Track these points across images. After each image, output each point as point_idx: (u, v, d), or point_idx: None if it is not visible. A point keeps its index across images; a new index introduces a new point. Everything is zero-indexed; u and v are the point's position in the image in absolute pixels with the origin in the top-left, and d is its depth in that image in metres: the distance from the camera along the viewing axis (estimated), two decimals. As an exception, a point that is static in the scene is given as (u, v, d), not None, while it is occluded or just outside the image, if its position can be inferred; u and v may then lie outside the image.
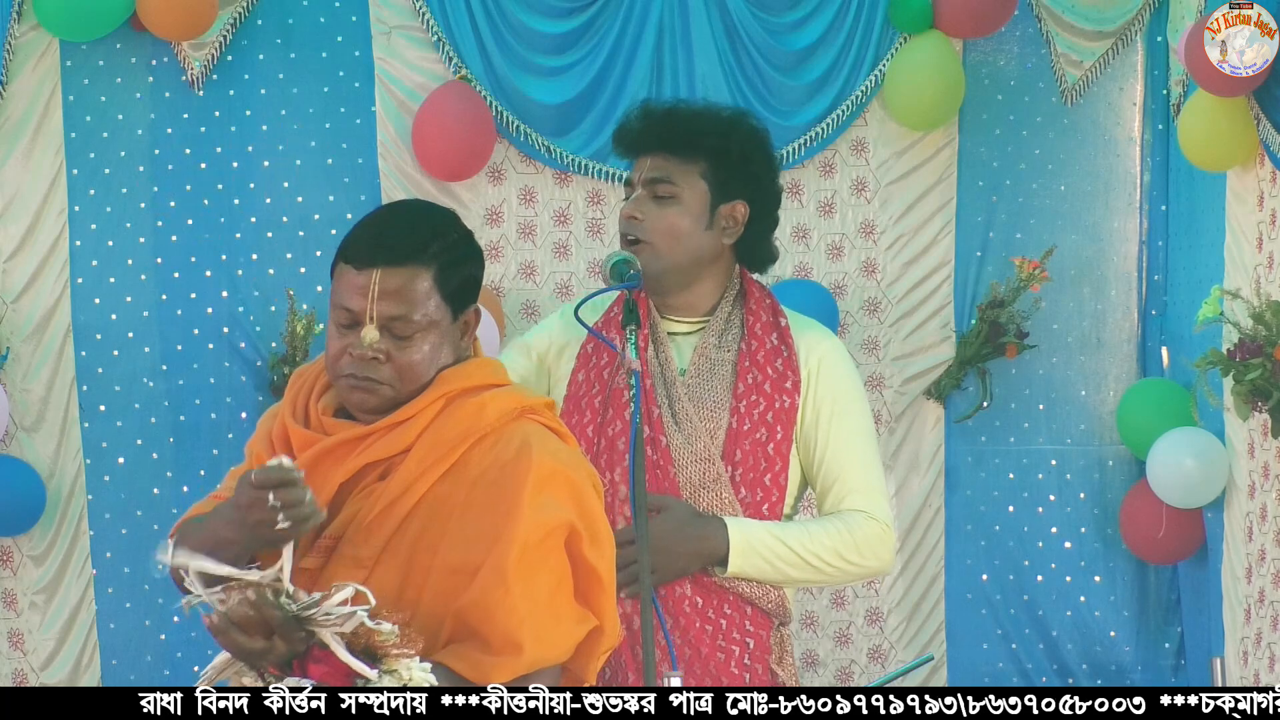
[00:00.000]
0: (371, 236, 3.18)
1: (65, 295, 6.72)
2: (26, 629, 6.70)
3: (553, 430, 3.26)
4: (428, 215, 3.26)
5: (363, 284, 3.14)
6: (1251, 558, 6.44)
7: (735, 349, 4.03)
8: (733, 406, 3.98)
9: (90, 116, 6.74)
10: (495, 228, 6.99)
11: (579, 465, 3.24)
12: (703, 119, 4.04)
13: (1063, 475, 7.23)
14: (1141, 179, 7.22)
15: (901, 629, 7.17)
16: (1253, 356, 6.09)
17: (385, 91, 6.90)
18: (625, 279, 3.89)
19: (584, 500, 3.19)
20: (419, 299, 3.16)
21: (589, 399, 4.01)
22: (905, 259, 7.15)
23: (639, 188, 4.01)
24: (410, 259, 3.16)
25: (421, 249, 3.16)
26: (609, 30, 6.96)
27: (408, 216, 3.25)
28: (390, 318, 3.14)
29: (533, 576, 3.07)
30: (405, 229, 3.19)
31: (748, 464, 3.98)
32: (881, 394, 7.14)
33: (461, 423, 3.18)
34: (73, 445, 6.72)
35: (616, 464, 3.96)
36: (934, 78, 6.96)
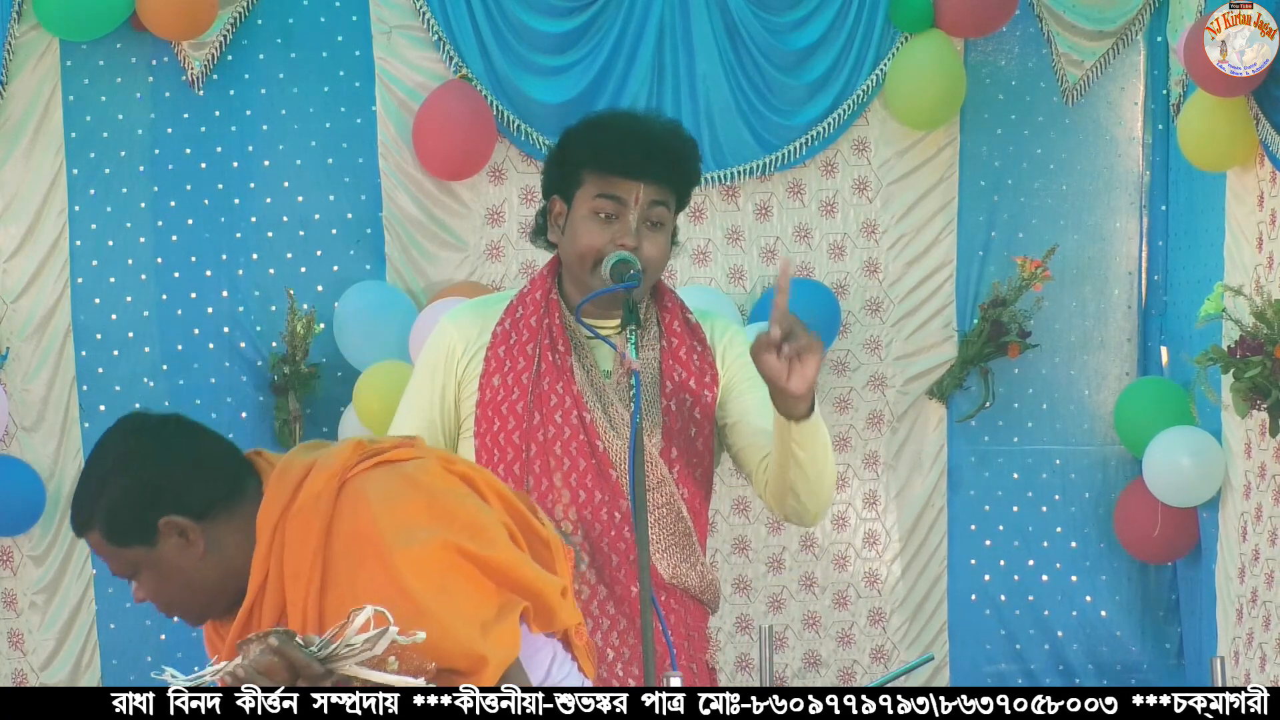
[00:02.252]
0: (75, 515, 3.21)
1: (65, 295, 6.73)
2: (26, 629, 6.70)
3: (387, 460, 3.21)
4: (86, 480, 3.23)
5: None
6: (1245, 557, 6.43)
7: (657, 348, 4.00)
8: (664, 406, 3.96)
9: (90, 116, 6.75)
10: (496, 227, 6.99)
11: (422, 474, 3.20)
12: (682, 145, 3.98)
13: (1067, 475, 7.22)
14: (1142, 178, 7.22)
15: (904, 629, 7.16)
16: (1253, 354, 6.08)
17: (386, 91, 6.90)
18: (626, 279, 3.87)
19: (440, 508, 3.16)
20: (110, 555, 3.20)
21: (510, 406, 3.94)
22: (907, 258, 7.14)
23: (634, 214, 3.90)
24: (82, 532, 3.21)
25: (86, 522, 3.19)
26: (610, 29, 6.96)
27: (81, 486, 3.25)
28: (121, 575, 3.21)
29: (447, 596, 3.05)
30: (74, 501, 3.21)
31: (683, 461, 3.97)
32: (884, 394, 7.14)
33: (305, 534, 3.13)
34: (73, 445, 6.73)
35: (555, 469, 3.91)
36: (935, 77, 6.95)
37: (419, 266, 6.91)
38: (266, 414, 6.83)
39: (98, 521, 3.16)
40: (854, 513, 7.15)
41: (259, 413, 6.84)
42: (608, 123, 4.00)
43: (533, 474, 3.90)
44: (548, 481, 3.91)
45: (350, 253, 6.93)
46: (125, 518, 3.15)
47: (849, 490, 7.14)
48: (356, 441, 3.24)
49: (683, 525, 3.97)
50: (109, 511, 3.15)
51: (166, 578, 3.17)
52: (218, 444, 3.22)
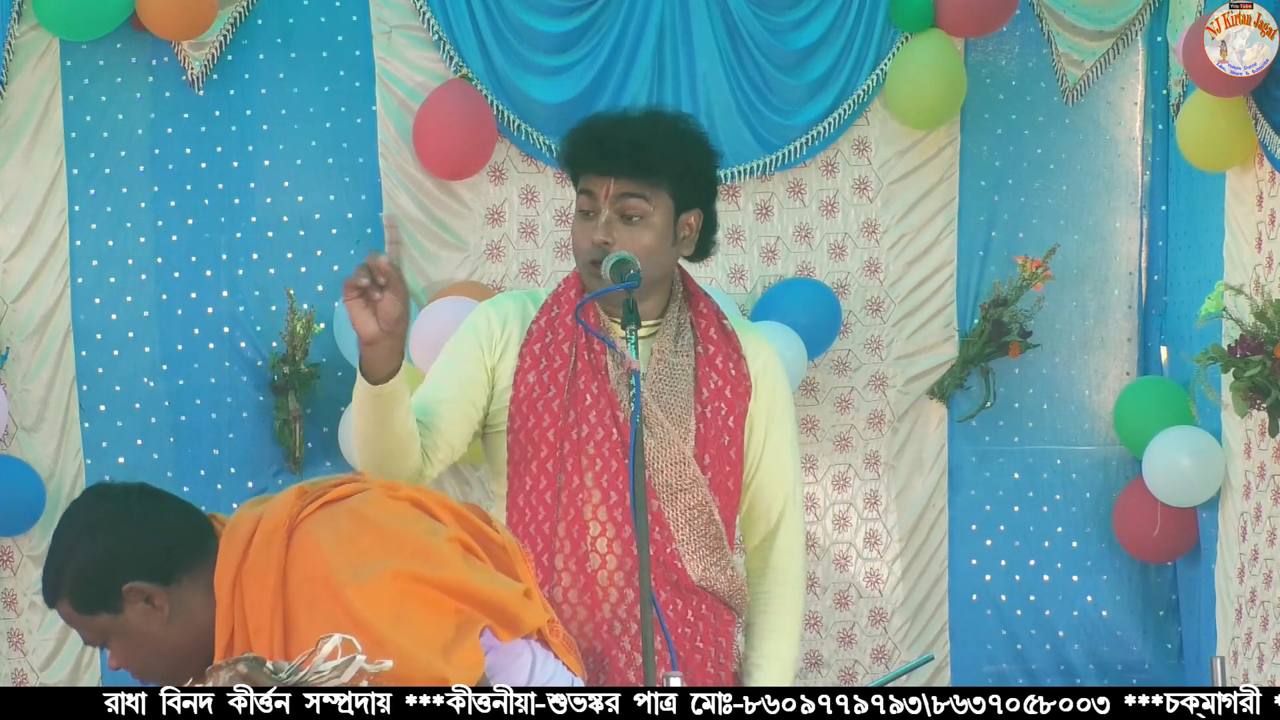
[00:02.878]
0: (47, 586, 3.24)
1: (65, 295, 6.72)
2: (26, 629, 6.70)
3: (330, 500, 3.27)
4: (53, 552, 3.26)
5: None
6: (1244, 557, 6.42)
7: (691, 352, 4.00)
8: (699, 412, 3.96)
9: (90, 116, 6.75)
10: (496, 227, 6.99)
11: (367, 506, 3.25)
12: (660, 134, 3.95)
13: (1068, 475, 7.21)
14: (1142, 178, 7.21)
15: (905, 630, 7.15)
16: (1253, 353, 6.08)
17: (386, 91, 6.90)
18: (625, 279, 3.87)
19: (389, 537, 3.20)
20: (80, 624, 3.23)
21: (545, 403, 3.96)
22: (908, 258, 7.14)
23: (606, 208, 3.91)
24: (53, 603, 3.24)
25: (55, 593, 3.23)
26: (610, 29, 6.95)
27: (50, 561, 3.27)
28: (93, 644, 3.25)
29: (404, 624, 3.09)
30: (44, 574, 3.25)
31: (715, 468, 3.98)
32: (884, 393, 7.14)
33: (261, 588, 3.18)
34: (73, 445, 6.72)
35: (587, 469, 3.92)
36: (935, 77, 6.95)
37: (419, 266, 6.91)
38: (266, 414, 6.83)
39: (65, 591, 3.22)
40: (855, 513, 7.14)
41: (259, 413, 6.84)
42: (586, 123, 4.02)
43: (564, 472, 3.92)
44: (579, 480, 3.92)
45: (350, 253, 6.92)
46: (91, 586, 3.20)
47: (850, 490, 7.13)
48: (299, 489, 3.30)
49: (714, 529, 3.99)
50: (75, 581, 3.20)
51: (136, 644, 3.22)
52: (181, 509, 3.30)
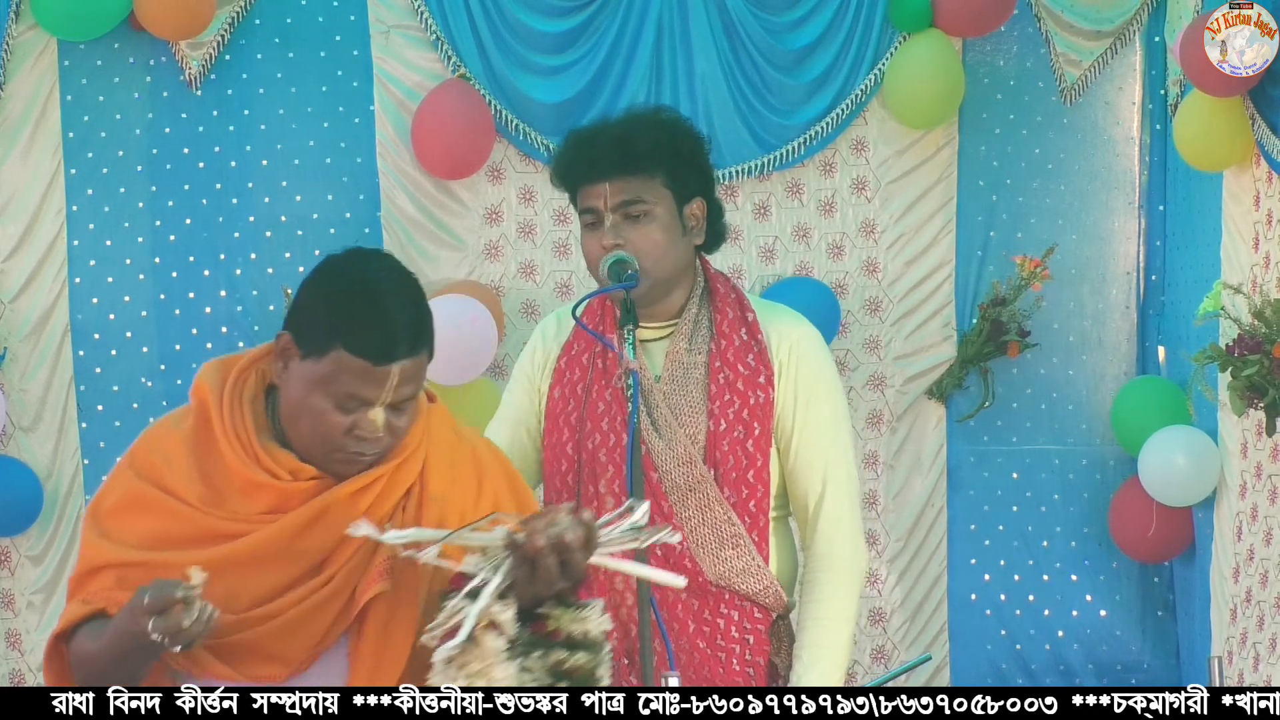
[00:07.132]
0: (385, 333, 3.18)
1: (63, 295, 6.73)
2: (24, 629, 6.71)
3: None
4: (416, 294, 3.32)
5: (382, 376, 3.15)
6: (1240, 557, 6.42)
7: (706, 350, 4.02)
8: (709, 409, 3.98)
9: (88, 116, 6.75)
10: (495, 226, 6.99)
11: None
12: (642, 127, 4.00)
13: (1066, 475, 7.21)
14: (1140, 178, 7.21)
15: (904, 630, 7.15)
16: (1251, 352, 6.08)
17: (384, 90, 6.90)
18: (624, 279, 3.89)
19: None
20: (424, 375, 3.23)
21: (565, 416, 4.04)
22: (906, 258, 7.14)
23: (608, 214, 3.95)
24: (417, 353, 3.20)
25: (424, 340, 3.23)
26: (608, 29, 6.95)
27: (402, 299, 3.26)
28: (404, 399, 3.19)
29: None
30: (413, 322, 3.22)
31: (728, 464, 3.99)
32: (883, 393, 7.13)
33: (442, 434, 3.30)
34: (70, 445, 6.72)
35: (599, 476, 3.97)
36: (934, 77, 6.95)
37: (417, 266, 6.90)
38: (265, 414, 6.82)
39: (430, 336, 3.26)
40: (854, 513, 7.13)
41: (258, 412, 6.83)
42: (570, 139, 4.09)
43: (581, 481, 3.98)
44: (593, 488, 3.98)
45: (349, 253, 6.92)
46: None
47: (849, 490, 7.13)
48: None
49: (731, 527, 4.00)
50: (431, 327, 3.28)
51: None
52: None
